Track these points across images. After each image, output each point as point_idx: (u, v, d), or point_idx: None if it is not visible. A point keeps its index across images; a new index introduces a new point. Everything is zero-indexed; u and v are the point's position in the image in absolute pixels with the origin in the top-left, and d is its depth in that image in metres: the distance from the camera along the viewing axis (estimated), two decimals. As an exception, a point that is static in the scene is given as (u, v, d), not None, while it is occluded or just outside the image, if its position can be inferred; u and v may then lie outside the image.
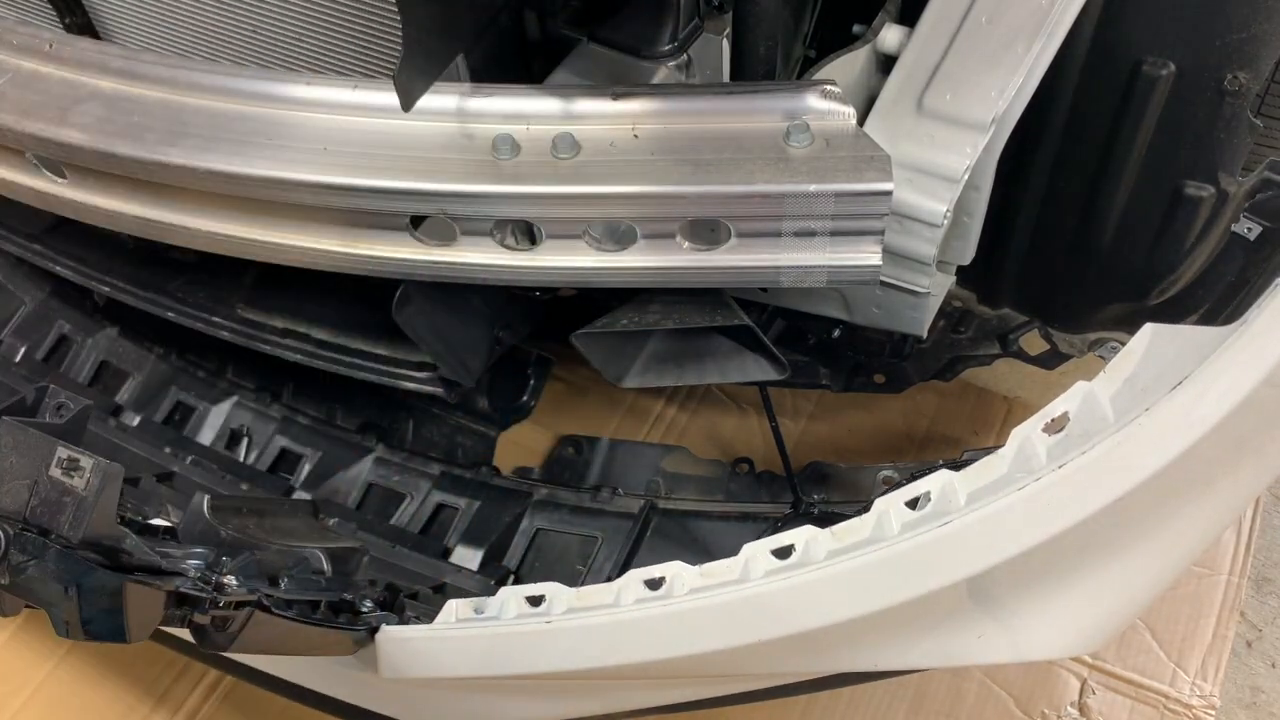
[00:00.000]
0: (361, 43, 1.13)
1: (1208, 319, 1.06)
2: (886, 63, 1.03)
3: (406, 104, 0.95)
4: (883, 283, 1.06)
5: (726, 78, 1.09)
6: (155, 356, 1.64)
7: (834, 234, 0.96)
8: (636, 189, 0.96)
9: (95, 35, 1.31)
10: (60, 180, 1.12)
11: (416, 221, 1.01)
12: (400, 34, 0.93)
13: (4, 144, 1.12)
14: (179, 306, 1.36)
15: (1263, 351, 0.76)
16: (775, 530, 1.32)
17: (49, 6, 1.27)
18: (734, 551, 0.94)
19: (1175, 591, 1.53)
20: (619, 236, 0.99)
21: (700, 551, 1.44)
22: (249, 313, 1.34)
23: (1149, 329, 0.81)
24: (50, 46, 1.12)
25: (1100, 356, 1.36)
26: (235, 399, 1.61)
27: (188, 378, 1.64)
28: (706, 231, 0.98)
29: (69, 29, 1.28)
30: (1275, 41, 1.06)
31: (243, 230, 1.05)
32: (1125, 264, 1.20)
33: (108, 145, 1.03)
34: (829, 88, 0.96)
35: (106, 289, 1.42)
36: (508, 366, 1.67)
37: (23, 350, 1.60)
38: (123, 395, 1.62)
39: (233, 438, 1.60)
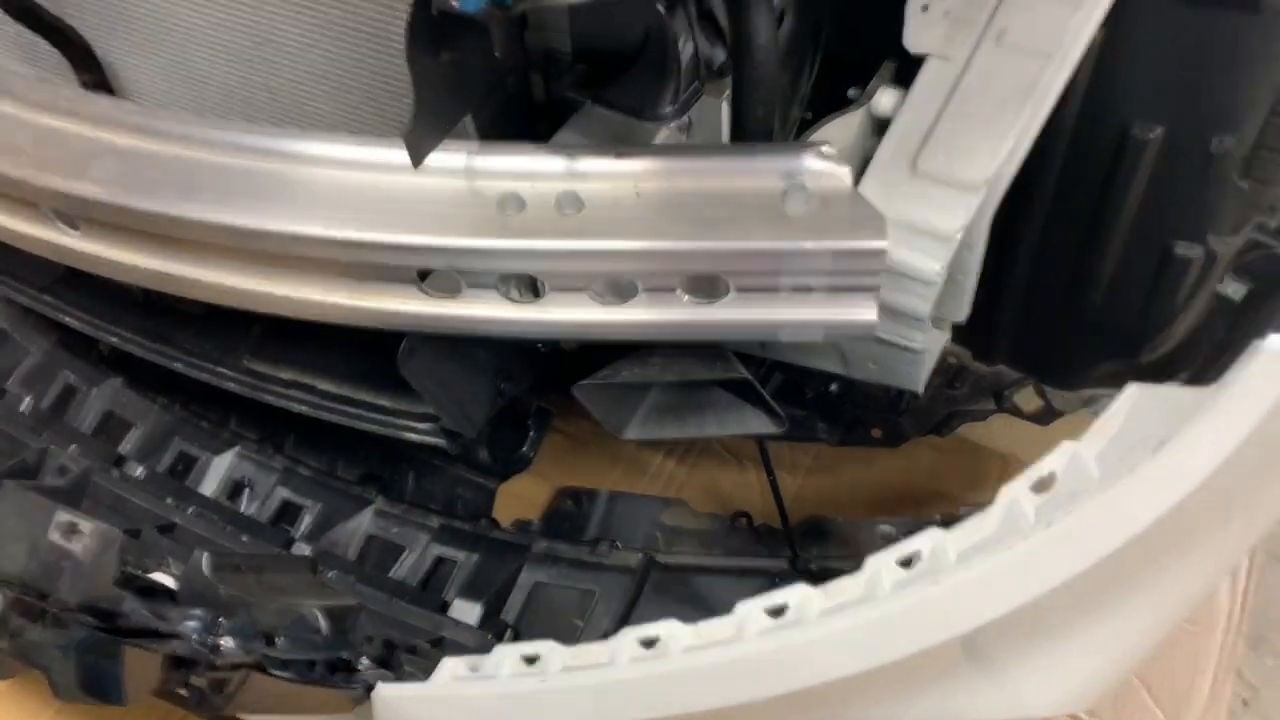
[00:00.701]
0: (373, 102, 1.16)
1: (1197, 378, 1.07)
2: (881, 126, 1.06)
3: (416, 161, 0.98)
4: (879, 339, 1.08)
5: (726, 139, 1.12)
6: (159, 407, 1.66)
7: (830, 290, 0.98)
8: (638, 245, 0.98)
9: (112, 92, 1.35)
10: (74, 233, 1.14)
11: (423, 275, 1.03)
12: (411, 94, 0.96)
13: (21, 197, 1.14)
14: (186, 357, 1.38)
15: (1242, 412, 0.78)
16: (773, 585, 1.32)
17: (68, 64, 1.31)
18: (732, 607, 0.95)
19: (1171, 649, 1.53)
20: (621, 291, 1.01)
21: (698, 606, 1.44)
22: (255, 364, 1.35)
23: (1132, 389, 0.84)
24: (68, 103, 1.15)
25: (1094, 414, 1.38)
26: (238, 449, 1.62)
27: (191, 428, 1.65)
28: (707, 287, 1.00)
29: (86, 85, 1.32)
30: (1259, 107, 1.10)
31: (252, 284, 1.07)
32: (1117, 322, 1.22)
33: (123, 199, 1.06)
34: (825, 149, 0.99)
35: (114, 340, 1.44)
36: (508, 418, 1.68)
37: (28, 400, 1.61)
38: (126, 445, 1.63)
39: (234, 489, 1.60)
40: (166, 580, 0.95)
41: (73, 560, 0.81)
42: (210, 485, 1.61)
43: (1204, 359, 1.18)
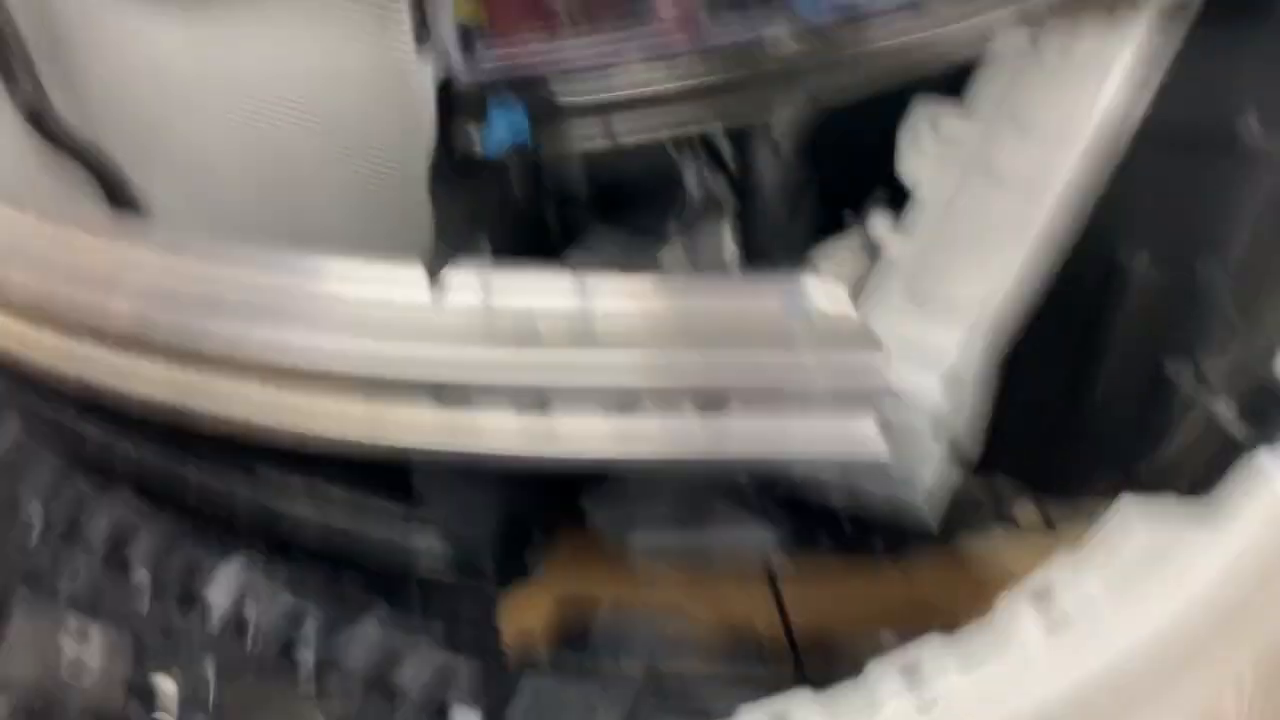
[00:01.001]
0: (391, 225, 1.21)
1: (1193, 491, 1.10)
2: (877, 250, 1.10)
3: (433, 282, 1.02)
4: (892, 475, 1.10)
5: (729, 262, 1.16)
6: (169, 515, 1.67)
7: (833, 408, 1.01)
8: (645, 361, 1.02)
9: (139, 214, 1.40)
10: (98, 352, 1.18)
11: (436, 394, 1.06)
12: (428, 218, 1.01)
13: (48, 315, 1.18)
14: (201, 465, 1.40)
15: (1234, 527, 0.80)
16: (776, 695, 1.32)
17: (100, 190, 1.36)
18: (734, 716, 0.96)
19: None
20: (629, 407, 1.04)
21: (701, 717, 1.43)
22: (268, 472, 1.37)
23: (1126, 502, 0.86)
24: (99, 227, 1.20)
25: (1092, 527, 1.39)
26: (244, 557, 1.63)
27: (199, 535, 1.66)
28: (712, 403, 1.03)
29: (115, 208, 1.37)
30: (1243, 233, 1.14)
31: (272, 404, 1.10)
32: (1111, 439, 1.25)
33: (149, 318, 1.10)
34: (825, 270, 1.03)
35: (129, 447, 1.47)
36: (513, 527, 1.69)
37: (40, 508, 1.62)
38: (135, 551, 1.63)
39: (240, 595, 1.60)
40: (171, 687, 0.95)
41: (81, 665, 0.82)
42: (217, 592, 1.61)
43: (1199, 473, 1.21)
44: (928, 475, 1.08)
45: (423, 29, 0.91)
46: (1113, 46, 1.04)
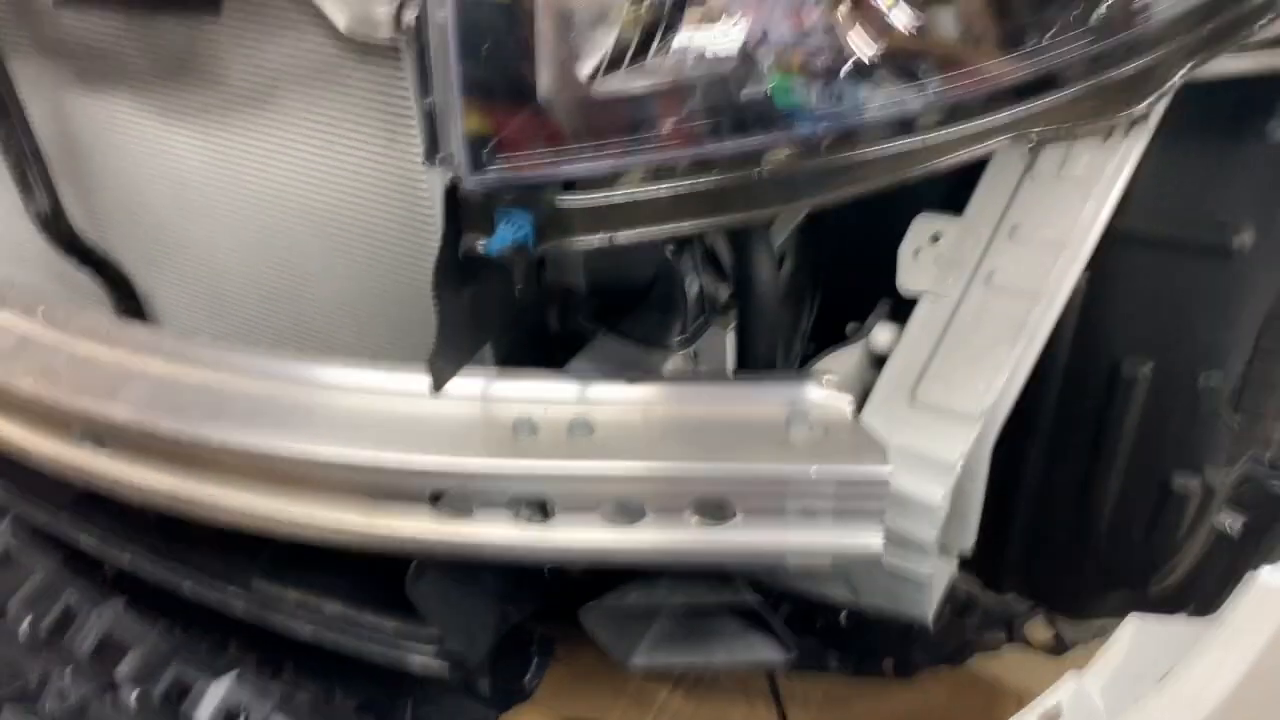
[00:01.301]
0: (394, 329, 1.22)
1: (1202, 609, 1.08)
2: (879, 360, 1.11)
3: (437, 387, 1.02)
4: (886, 567, 1.08)
5: (730, 368, 1.17)
6: (159, 629, 1.63)
7: (836, 517, 1.00)
8: (647, 468, 1.01)
9: (145, 319, 1.42)
10: (100, 454, 1.18)
11: (436, 498, 1.05)
12: (431, 322, 1.02)
13: (51, 419, 1.19)
14: (195, 578, 1.38)
15: (1241, 644, 0.79)
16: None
17: (108, 293, 1.38)
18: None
19: None
20: (630, 515, 1.03)
21: None
22: (264, 585, 1.35)
23: (1133, 620, 0.85)
24: (107, 330, 1.21)
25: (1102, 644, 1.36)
26: (235, 674, 1.59)
27: (189, 651, 1.62)
28: (714, 512, 1.02)
29: (122, 313, 1.39)
30: (1243, 344, 1.15)
31: (270, 508, 1.09)
32: (1122, 554, 1.23)
33: (151, 423, 1.10)
34: (827, 378, 1.03)
35: (125, 560, 1.45)
36: (510, 646, 1.66)
37: (28, 621, 1.59)
38: (123, 669, 1.59)
39: (230, 715, 1.56)
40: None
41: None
42: (206, 709, 1.56)
43: (1209, 590, 1.19)
44: (920, 566, 1.06)
45: (433, 142, 0.93)
46: (1106, 162, 1.07)
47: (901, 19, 0.86)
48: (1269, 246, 1.08)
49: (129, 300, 1.39)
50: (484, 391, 1.07)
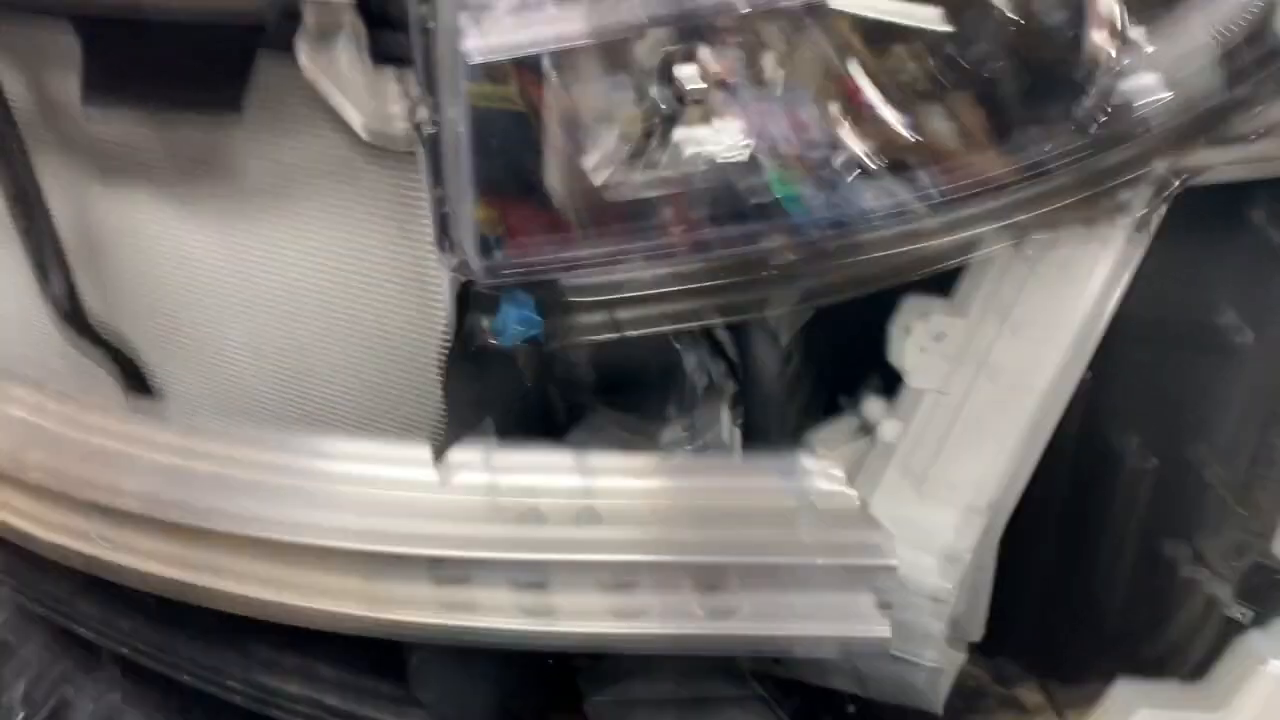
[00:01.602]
0: (400, 408, 1.23)
1: (1194, 673, 1.07)
2: (873, 433, 1.11)
3: (439, 465, 1.03)
4: (894, 656, 1.08)
5: (728, 441, 1.17)
6: (155, 696, 1.61)
7: (832, 589, 1.00)
8: (651, 557, 1.01)
9: (155, 399, 1.43)
10: (106, 543, 1.18)
11: (439, 582, 1.05)
12: (435, 401, 1.03)
13: (57, 506, 1.19)
14: (196, 669, 1.37)
15: (1231, 709, 0.78)
16: None
17: (118, 373, 1.39)
18: None
19: None
20: (635, 602, 1.03)
21: None
22: (264, 676, 1.34)
23: (1121, 686, 0.84)
24: (117, 416, 1.22)
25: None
26: (233, 767, 1.56)
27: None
28: (713, 583, 1.01)
29: (131, 396, 1.40)
30: (1246, 437, 1.15)
31: (274, 594, 1.09)
32: (1114, 622, 1.22)
33: (158, 497, 1.11)
34: (833, 471, 1.04)
35: (126, 651, 1.44)
36: (508, 715, 1.63)
37: (24, 691, 1.58)
38: (119, 761, 1.57)
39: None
40: None
41: None
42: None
43: (1200, 655, 1.17)
44: (929, 656, 1.05)
45: (443, 235, 0.96)
46: (1093, 250, 1.09)
47: (900, 119, 0.89)
48: (1267, 339, 1.09)
49: (140, 385, 1.41)
50: (487, 468, 1.07)
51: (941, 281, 1.14)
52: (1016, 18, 0.87)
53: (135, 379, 1.41)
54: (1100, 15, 0.89)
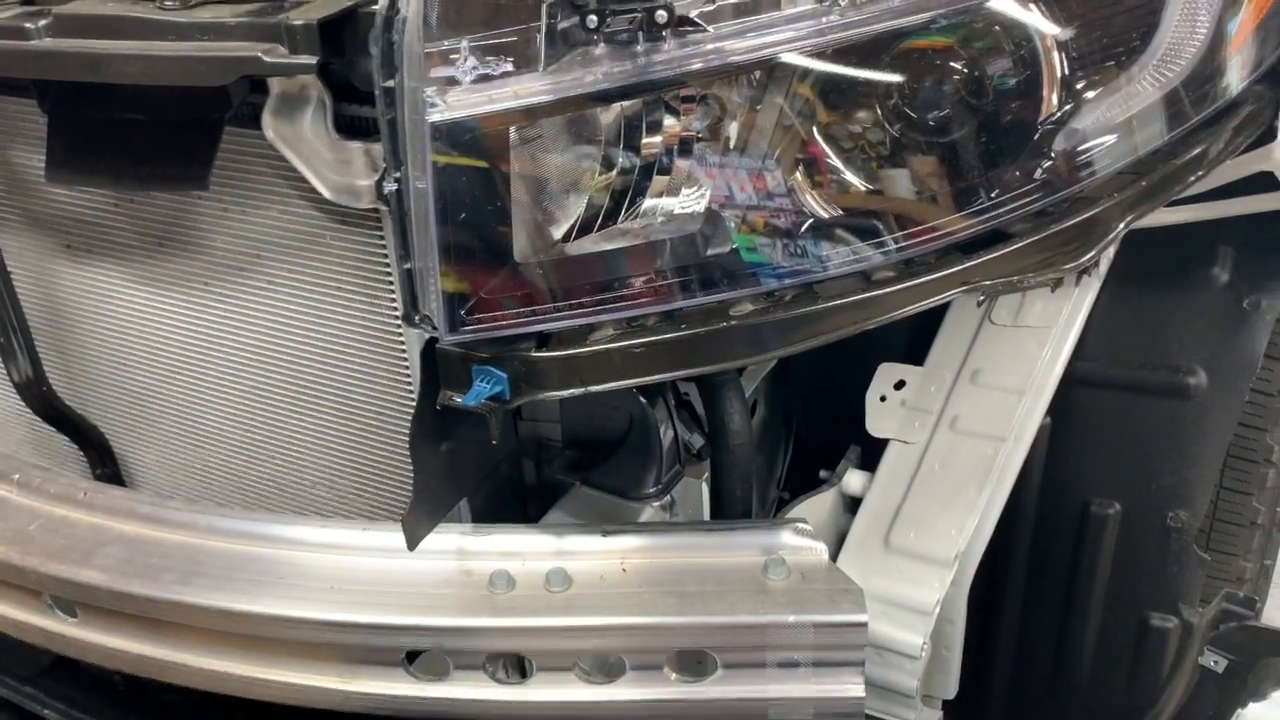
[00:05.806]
0: (370, 489, 1.23)
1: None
2: (853, 504, 1.12)
3: (412, 544, 1.02)
4: (869, 716, 1.07)
5: (706, 516, 1.17)
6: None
7: (816, 665, 0.99)
8: (625, 621, 1.00)
9: (123, 483, 1.42)
10: (72, 620, 1.16)
11: (412, 657, 1.04)
12: (405, 480, 1.02)
13: (22, 585, 1.17)
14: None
15: None
16: None
17: (86, 456, 1.38)
18: None
19: None
20: (608, 669, 1.02)
21: None
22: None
23: None
24: (83, 495, 1.21)
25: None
26: None
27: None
28: (694, 664, 1.01)
29: (100, 479, 1.38)
30: (1207, 484, 1.17)
31: (244, 669, 1.07)
32: (1105, 699, 1.22)
33: (124, 585, 1.09)
34: (801, 526, 1.04)
35: (88, 725, 1.40)
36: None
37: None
38: None
39: None
40: None
41: None
42: None
43: (1173, 712, 1.18)
44: (903, 715, 1.05)
45: (413, 302, 0.96)
46: (1060, 309, 1.12)
47: (856, 180, 0.91)
48: (1221, 387, 1.12)
49: (106, 462, 1.39)
50: (459, 547, 1.07)
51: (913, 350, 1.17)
52: (972, 79, 0.90)
53: (104, 461, 1.39)
54: (1053, 76, 0.92)
